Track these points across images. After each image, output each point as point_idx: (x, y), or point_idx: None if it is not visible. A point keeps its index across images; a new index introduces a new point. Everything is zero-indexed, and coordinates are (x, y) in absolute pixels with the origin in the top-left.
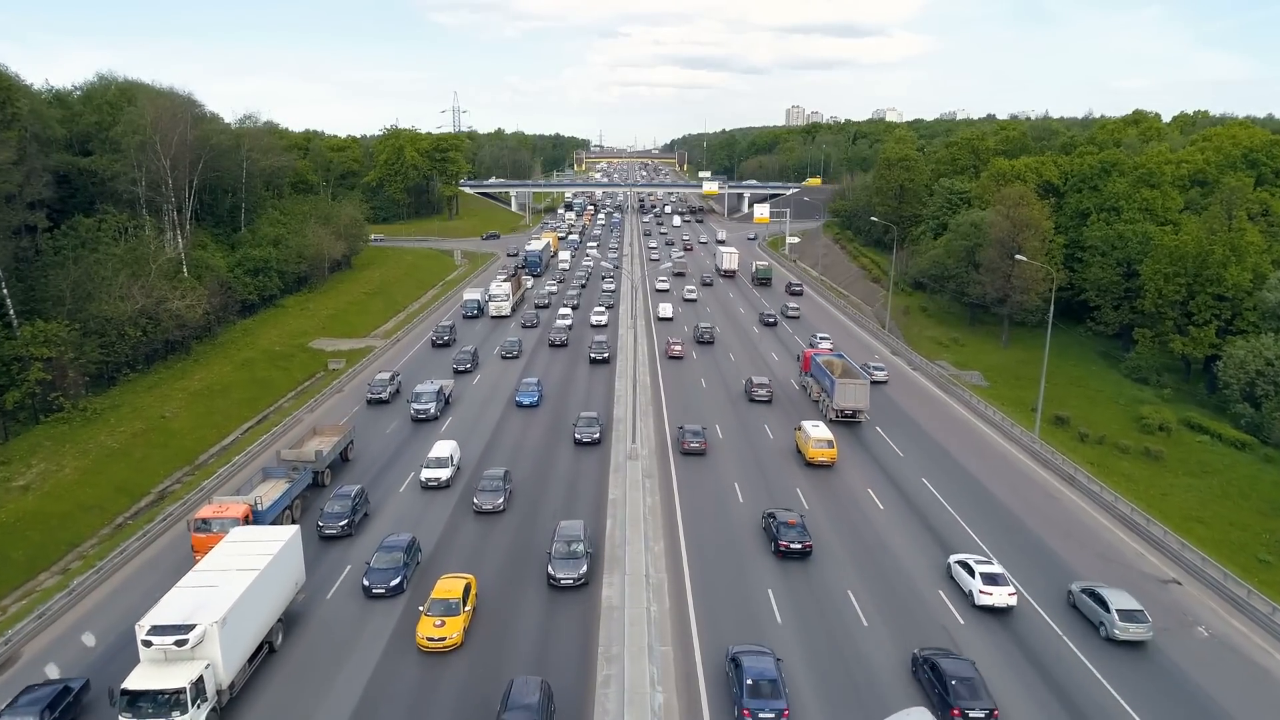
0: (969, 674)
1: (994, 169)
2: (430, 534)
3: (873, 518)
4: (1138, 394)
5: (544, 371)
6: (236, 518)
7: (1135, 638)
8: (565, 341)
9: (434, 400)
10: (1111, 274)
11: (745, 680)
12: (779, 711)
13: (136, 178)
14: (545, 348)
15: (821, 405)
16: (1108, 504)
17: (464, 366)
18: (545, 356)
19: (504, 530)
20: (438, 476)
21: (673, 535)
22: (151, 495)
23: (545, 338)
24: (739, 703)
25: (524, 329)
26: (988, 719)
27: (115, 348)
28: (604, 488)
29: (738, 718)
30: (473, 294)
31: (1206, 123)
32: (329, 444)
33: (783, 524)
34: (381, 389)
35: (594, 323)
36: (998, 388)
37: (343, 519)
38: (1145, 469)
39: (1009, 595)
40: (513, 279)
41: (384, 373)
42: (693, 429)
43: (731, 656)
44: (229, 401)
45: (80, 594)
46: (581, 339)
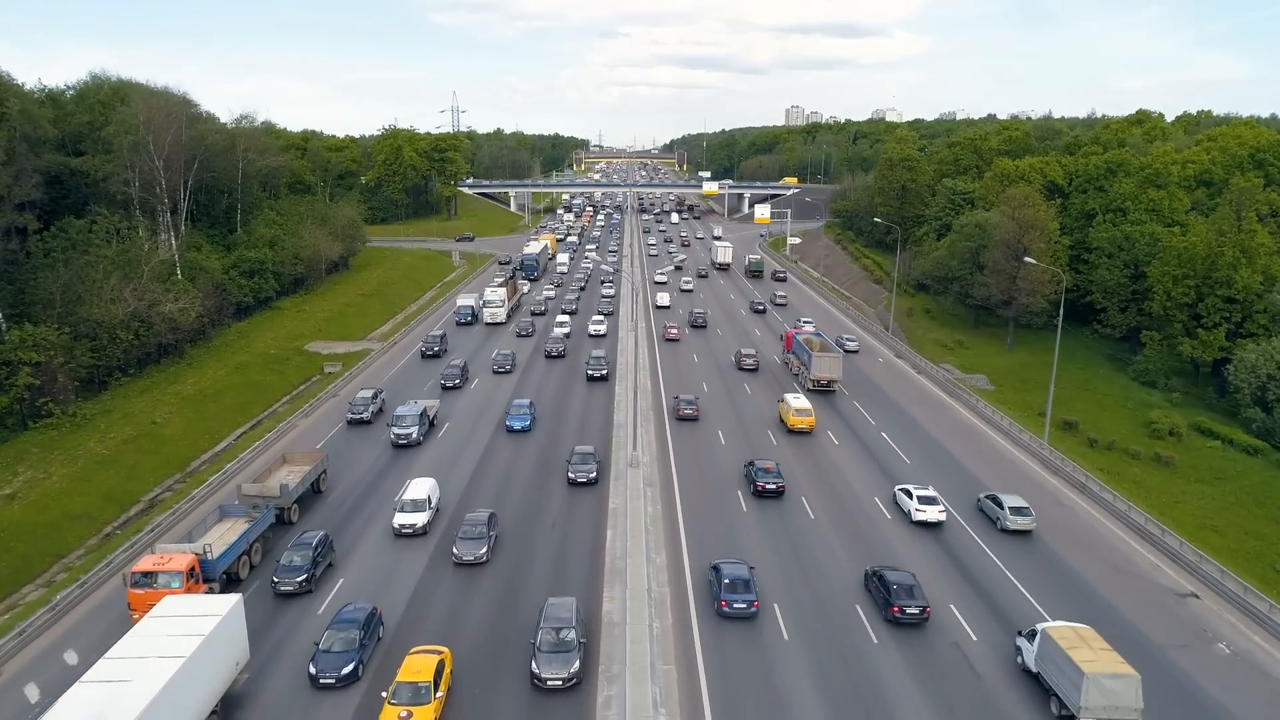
0: (909, 582)
1: (998, 169)
2: (401, 591)
3: (839, 464)
4: (1146, 398)
5: (538, 388)
6: (179, 571)
7: (1022, 528)
8: (562, 353)
9: (416, 424)
10: (1118, 276)
11: (723, 580)
12: (749, 602)
13: (129, 178)
14: (540, 359)
15: (801, 377)
16: (1121, 513)
17: (453, 382)
18: (540, 370)
19: (487, 587)
20: (413, 523)
21: (668, 486)
22: (141, 503)
23: (541, 348)
24: (718, 596)
25: (519, 338)
26: (920, 614)
27: (106, 351)
28: (601, 539)
29: (717, 609)
30: (466, 300)
31: (1210, 123)
32: (298, 475)
33: (760, 469)
34: (363, 408)
35: (592, 332)
36: (1003, 391)
37: (301, 573)
38: (1156, 475)
39: (939, 512)
40: (508, 284)
41: (366, 390)
42: (686, 398)
43: (713, 565)
44: (222, 406)
45: (63, 609)
46: (579, 349)
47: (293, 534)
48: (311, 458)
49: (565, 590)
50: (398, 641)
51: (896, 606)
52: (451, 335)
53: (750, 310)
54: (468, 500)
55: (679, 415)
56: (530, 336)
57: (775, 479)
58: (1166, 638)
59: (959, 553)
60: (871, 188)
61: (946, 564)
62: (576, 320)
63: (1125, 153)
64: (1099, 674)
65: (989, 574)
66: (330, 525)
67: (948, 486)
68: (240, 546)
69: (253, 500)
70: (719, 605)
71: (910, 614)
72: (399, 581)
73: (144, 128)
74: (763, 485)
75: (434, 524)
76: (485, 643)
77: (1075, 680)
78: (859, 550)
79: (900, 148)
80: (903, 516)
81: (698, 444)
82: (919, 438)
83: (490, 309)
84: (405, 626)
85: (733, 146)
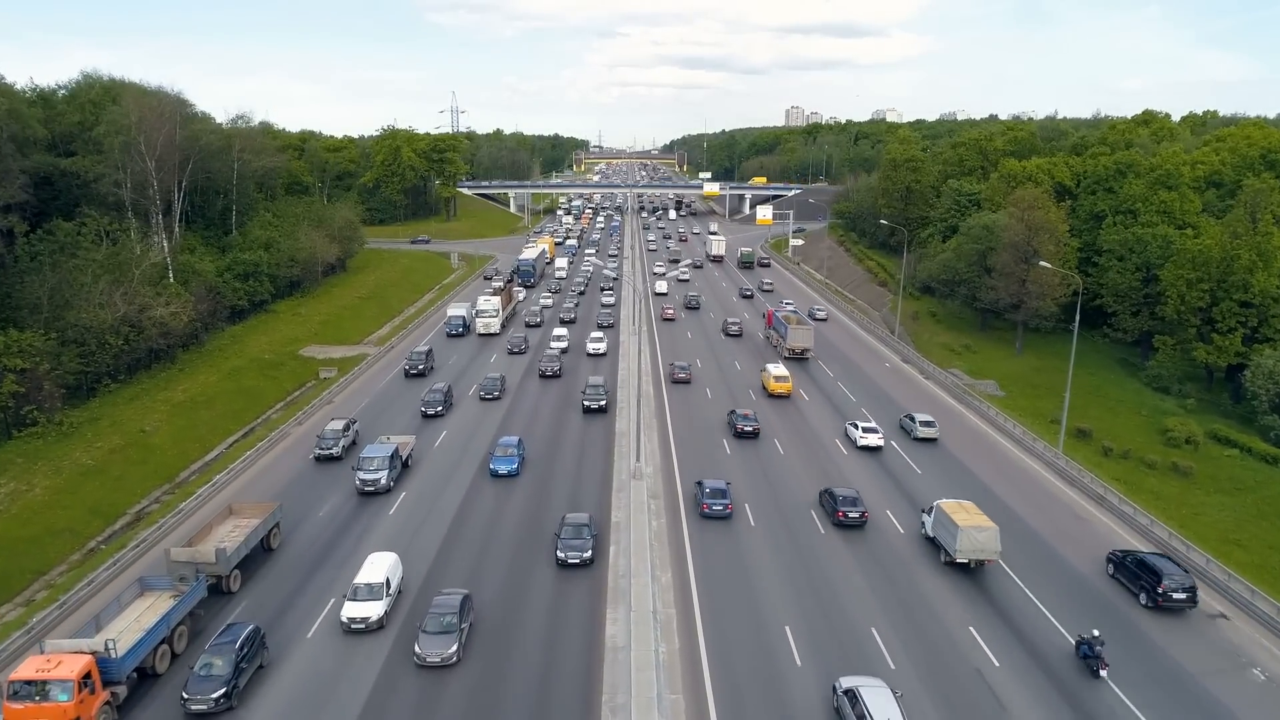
0: (853, 494)
1: (1004, 170)
2: (347, 707)
3: (810, 417)
4: (1159, 404)
5: (529, 419)
6: (68, 679)
7: (928, 436)
8: (558, 372)
9: (385, 467)
10: (1130, 279)
11: (705, 490)
12: (724, 505)
13: (120, 179)
14: (534, 381)
15: (779, 348)
16: (1143, 528)
17: (434, 410)
18: (533, 394)
19: (458, 697)
20: (366, 615)
21: (664, 432)
22: (128, 516)
23: (534, 367)
24: (699, 500)
25: (510, 355)
26: (860, 517)
27: (95, 357)
28: (598, 635)
29: (700, 512)
30: (457, 310)
31: (1217, 123)
32: (242, 532)
33: (740, 415)
34: (332, 442)
35: (591, 350)
36: (1014, 397)
37: (220, 685)
38: (1174, 486)
39: (878, 439)
40: (503, 291)
41: (336, 420)
42: (680, 364)
43: (697, 481)
44: (214, 414)
45: (40, 631)
46: (576, 368)
47: (211, 630)
48: (261, 510)
49: (552, 705)
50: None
51: (841, 512)
52: (441, 348)
53: (739, 296)
54: (437, 574)
55: (674, 379)
56: (523, 353)
57: (752, 423)
58: (1198, 664)
59: (896, 472)
60: (875, 189)
61: (887, 482)
62: (575, 331)
63: (1135, 153)
64: (969, 526)
65: (914, 486)
66: (276, 597)
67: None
68: (159, 632)
69: (181, 571)
70: (701, 509)
71: (852, 517)
72: (344, 694)
73: (136, 128)
74: (742, 428)
75: (394, 611)
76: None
77: (953, 533)
78: (817, 475)
79: (904, 148)
80: (853, 446)
81: (689, 400)
82: (930, 446)
83: (483, 319)
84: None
85: (733, 147)
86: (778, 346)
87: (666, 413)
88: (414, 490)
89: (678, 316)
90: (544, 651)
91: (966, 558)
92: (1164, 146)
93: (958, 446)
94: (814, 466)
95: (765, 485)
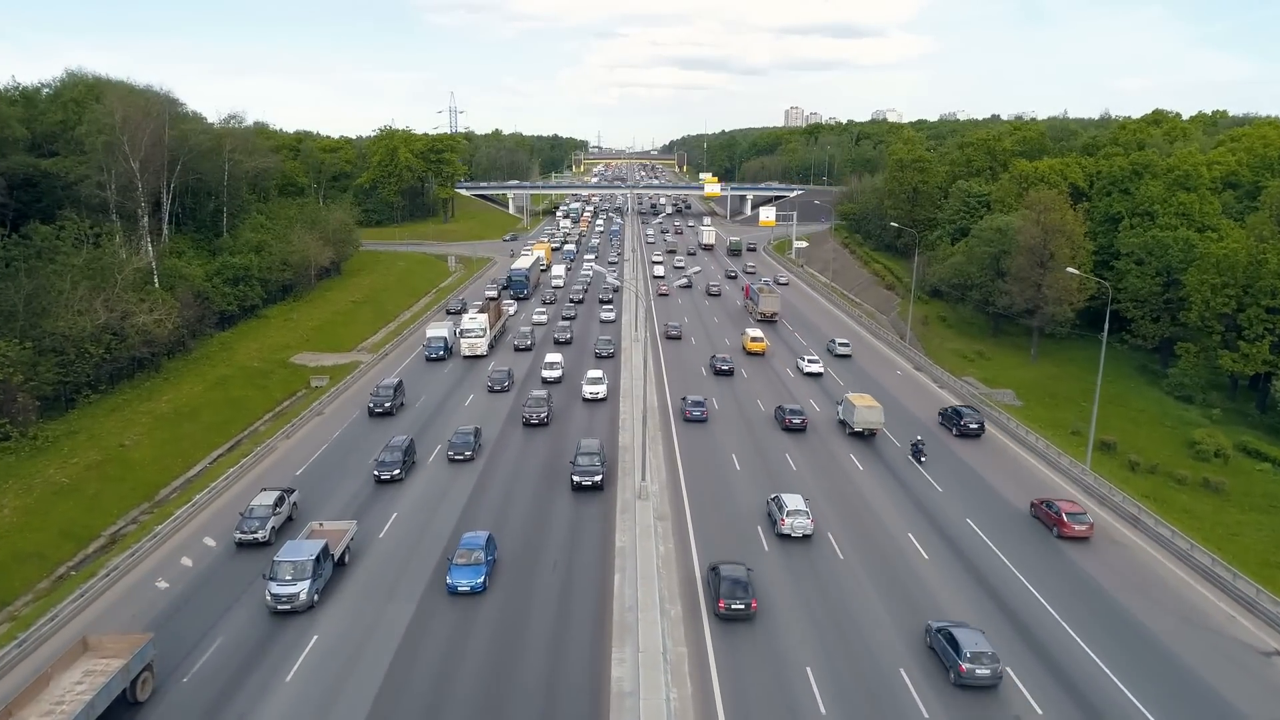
0: (798, 407)
1: (1016, 171)
2: None
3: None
4: (1183, 414)
5: (505, 493)
6: None
7: (844, 354)
8: (545, 420)
9: (307, 577)
10: (1150, 284)
11: (688, 401)
12: (702, 412)
13: (104, 181)
14: (516, 431)
15: (753, 314)
16: (1183, 553)
17: (390, 473)
18: (514, 452)
19: None
20: None
21: (660, 374)
22: (101, 539)
23: (519, 410)
24: (683, 411)
25: (491, 394)
26: (800, 423)
27: (74, 367)
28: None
29: (684, 416)
30: (438, 330)
31: (1227, 123)
32: (92, 685)
33: (719, 358)
34: (259, 523)
35: (587, 395)
36: (1031, 407)
37: None
38: (1207, 503)
39: (818, 366)
40: (490, 307)
41: (268, 493)
42: (674, 323)
43: (682, 397)
44: (198, 426)
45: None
46: (568, 413)
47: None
48: (126, 647)
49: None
50: None
51: (788, 419)
52: (416, 377)
53: (725, 276)
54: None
55: (667, 335)
56: (506, 391)
57: (728, 363)
58: (1256, 708)
59: (833, 393)
60: (880, 190)
61: (827, 401)
62: (570, 354)
63: (1151, 154)
64: (862, 406)
65: None
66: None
67: (985, 517)
68: None
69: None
70: (685, 414)
71: (795, 423)
72: None
73: (119, 127)
74: (719, 367)
75: None
76: None
77: (850, 412)
78: (774, 398)
79: (909, 149)
80: (799, 372)
81: (680, 351)
82: (946, 459)
83: (468, 339)
84: None
85: (733, 147)
86: (751, 312)
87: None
88: (339, 613)
89: (671, 292)
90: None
91: (861, 428)
92: (1178, 147)
93: (980, 461)
94: (773, 392)
95: (734, 405)
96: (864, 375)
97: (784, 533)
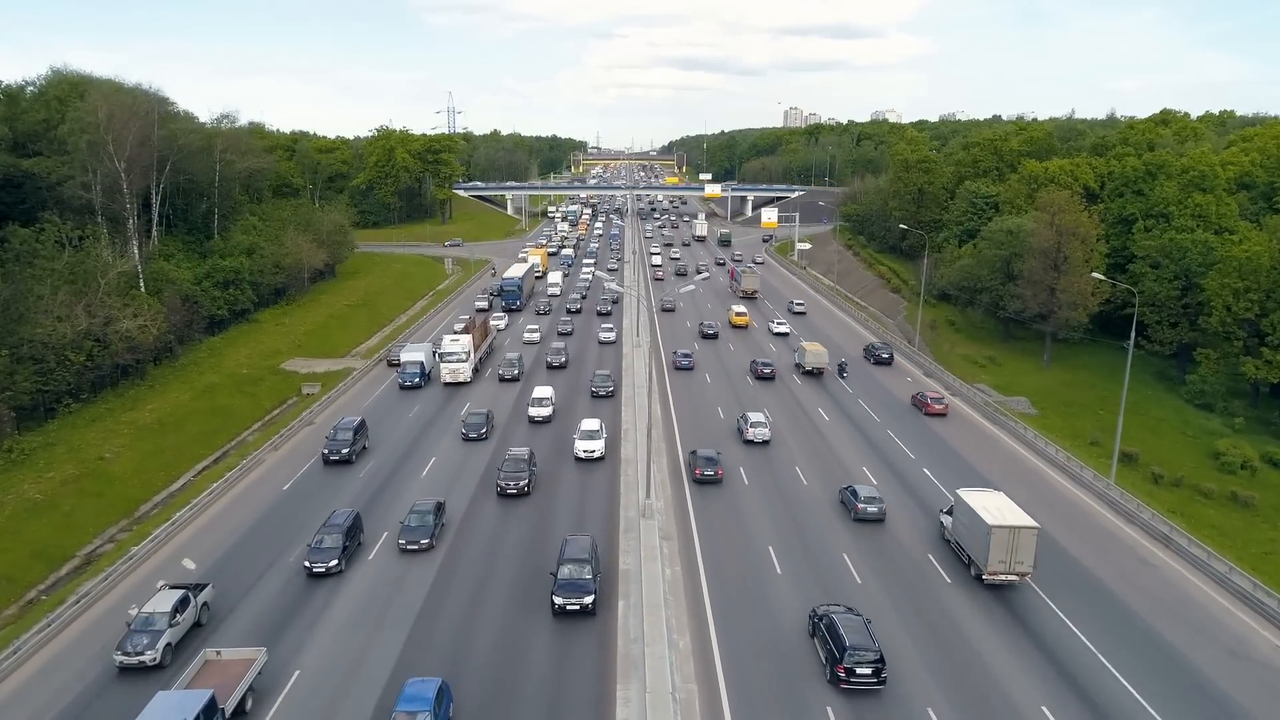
0: (768, 360)
1: (1025, 172)
2: None
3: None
4: (1205, 423)
5: (469, 606)
6: None
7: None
8: (525, 489)
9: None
10: (1168, 288)
11: (676, 355)
12: (689, 361)
13: (89, 182)
14: (490, 503)
15: (736, 293)
16: (1220, 576)
17: (325, 564)
18: (484, 537)
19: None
20: None
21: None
22: (76, 559)
23: (497, 466)
24: (674, 360)
25: (466, 443)
26: (770, 374)
27: (54, 376)
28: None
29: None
30: (414, 354)
31: (1236, 123)
32: None
33: (706, 324)
34: (147, 641)
35: (580, 453)
36: (1047, 416)
37: None
38: (1236, 519)
39: (785, 328)
40: (475, 326)
41: (167, 591)
42: (667, 298)
43: (672, 351)
44: (183, 437)
45: None
46: (556, 478)
47: None
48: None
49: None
50: None
51: (759, 371)
52: (386, 410)
53: (714, 263)
54: None
55: (663, 309)
56: (484, 440)
57: (713, 328)
58: None
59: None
60: (885, 190)
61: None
62: (565, 379)
63: (1166, 154)
64: (811, 350)
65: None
66: None
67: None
68: None
69: None
70: (674, 363)
71: (765, 374)
72: None
73: (104, 126)
74: (706, 331)
75: None
76: None
77: (802, 356)
78: (749, 356)
79: (911, 149)
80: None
81: (674, 321)
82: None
83: (449, 364)
84: None
85: (733, 148)
86: (735, 291)
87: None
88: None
89: (666, 278)
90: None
91: (810, 367)
92: (1189, 147)
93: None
94: (750, 350)
95: (717, 361)
96: (817, 330)
97: (749, 439)
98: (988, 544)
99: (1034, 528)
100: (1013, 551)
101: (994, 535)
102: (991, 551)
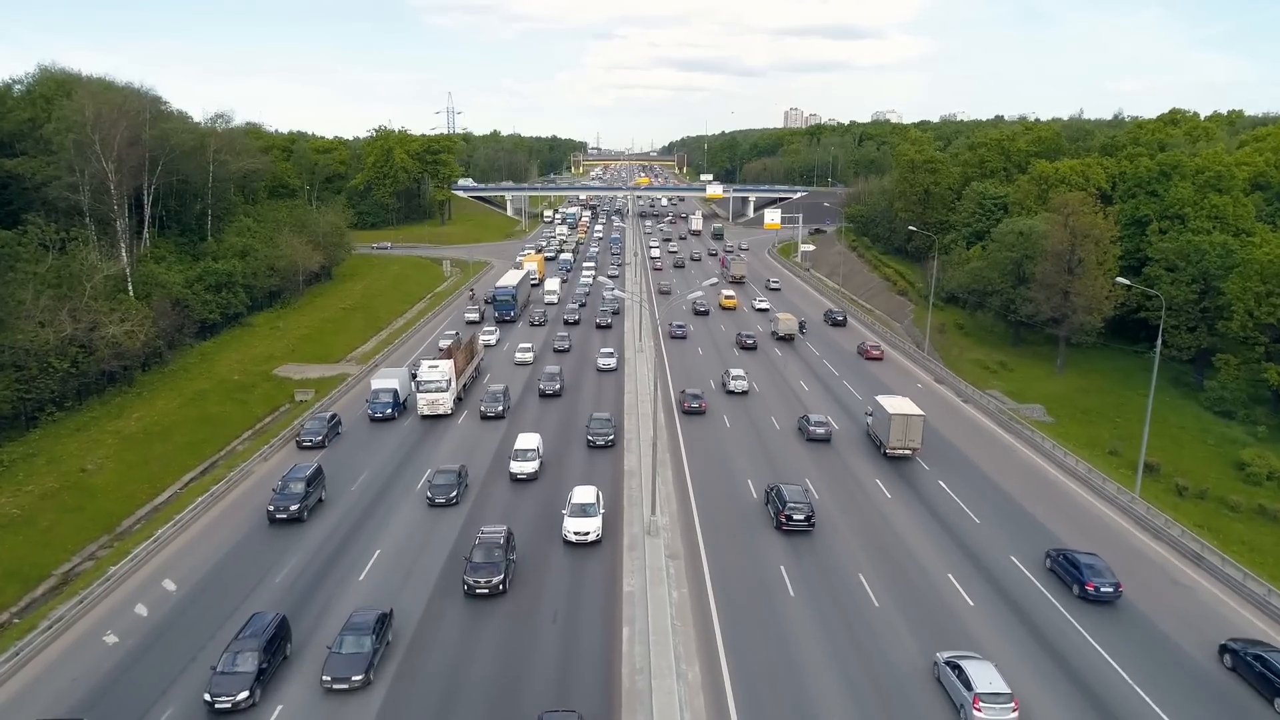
0: (750, 333)
1: (1035, 172)
2: None
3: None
4: (1226, 431)
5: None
6: None
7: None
8: (500, 586)
9: None
10: (1185, 291)
11: (672, 326)
12: (684, 331)
13: (76, 183)
14: (456, 608)
15: (726, 278)
16: (1260, 599)
17: (230, 700)
18: (446, 653)
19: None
20: None
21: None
22: (52, 579)
23: (462, 554)
24: (670, 329)
25: (432, 508)
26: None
27: (36, 383)
28: None
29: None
30: (386, 381)
31: (1245, 123)
32: None
33: (698, 300)
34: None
35: (573, 535)
36: (1063, 424)
37: None
38: (1267, 534)
39: (766, 304)
40: (458, 350)
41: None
42: (664, 281)
43: (668, 323)
44: (170, 446)
45: None
46: (539, 564)
47: None
48: None
49: None
50: None
51: (742, 341)
52: (352, 449)
53: (708, 254)
54: None
55: (659, 291)
56: (454, 504)
57: (705, 305)
58: None
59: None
60: (890, 191)
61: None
62: (559, 411)
63: (1180, 154)
64: (783, 319)
65: None
66: None
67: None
68: None
69: None
70: (670, 333)
71: (748, 344)
72: None
73: (91, 125)
74: (698, 309)
75: None
76: None
77: (776, 324)
78: (734, 329)
79: (920, 149)
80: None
81: (671, 302)
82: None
83: (427, 395)
84: None
85: (734, 149)
86: (725, 277)
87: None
88: None
89: (664, 268)
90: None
91: (783, 334)
92: (1200, 147)
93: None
94: (737, 324)
95: (708, 335)
96: (788, 302)
97: (730, 389)
98: (888, 427)
99: (920, 415)
100: (906, 431)
101: (893, 421)
102: (891, 432)
